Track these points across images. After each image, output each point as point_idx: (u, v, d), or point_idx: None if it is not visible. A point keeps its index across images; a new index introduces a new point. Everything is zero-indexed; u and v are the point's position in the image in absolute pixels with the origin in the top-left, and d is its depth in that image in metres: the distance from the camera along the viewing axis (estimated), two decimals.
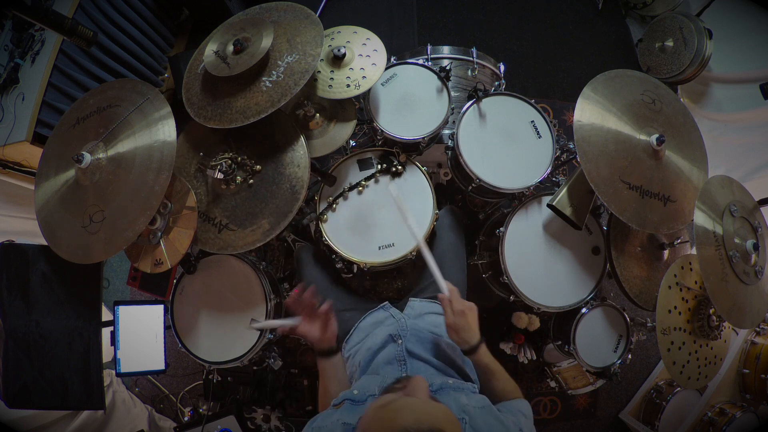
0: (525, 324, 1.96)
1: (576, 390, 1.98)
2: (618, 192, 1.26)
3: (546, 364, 2.08)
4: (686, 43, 2.49)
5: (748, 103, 2.35)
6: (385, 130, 1.48)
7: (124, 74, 2.15)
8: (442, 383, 0.89)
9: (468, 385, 0.90)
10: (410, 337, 1.10)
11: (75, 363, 1.39)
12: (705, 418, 2.03)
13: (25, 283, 1.37)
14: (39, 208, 1.31)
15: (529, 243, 1.50)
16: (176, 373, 2.18)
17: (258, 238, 1.27)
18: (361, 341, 1.19)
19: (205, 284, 1.50)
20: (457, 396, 0.84)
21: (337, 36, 1.50)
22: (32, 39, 1.78)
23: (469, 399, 0.83)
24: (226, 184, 1.30)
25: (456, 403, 0.81)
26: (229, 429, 1.58)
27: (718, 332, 1.36)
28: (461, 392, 0.86)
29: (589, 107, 1.31)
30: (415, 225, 1.18)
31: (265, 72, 1.26)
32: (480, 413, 0.79)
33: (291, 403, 2.01)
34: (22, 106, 1.70)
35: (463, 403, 0.81)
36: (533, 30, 2.82)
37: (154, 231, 1.27)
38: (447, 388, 0.87)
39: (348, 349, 1.22)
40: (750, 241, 1.30)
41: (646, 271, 1.48)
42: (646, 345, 2.37)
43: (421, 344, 1.08)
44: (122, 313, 1.56)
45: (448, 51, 1.74)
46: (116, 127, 1.27)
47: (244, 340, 1.46)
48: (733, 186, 1.37)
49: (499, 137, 1.53)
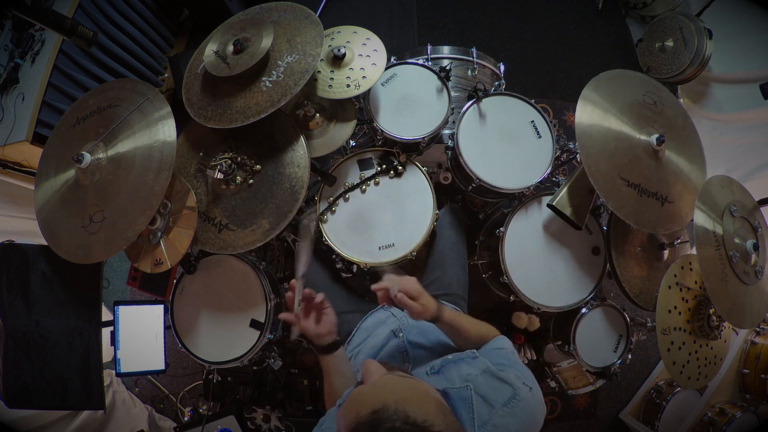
0: (525, 324, 1.96)
1: (576, 390, 1.98)
2: (616, 188, 1.26)
3: (546, 364, 2.07)
4: (686, 43, 2.48)
5: (748, 103, 2.34)
6: (385, 130, 1.48)
7: (124, 74, 2.15)
8: (443, 361, 0.90)
9: (468, 353, 0.91)
10: (411, 329, 1.11)
11: (75, 363, 1.39)
12: (705, 418, 2.02)
13: (25, 283, 1.37)
14: (39, 208, 1.30)
15: (529, 243, 1.50)
16: (176, 373, 2.18)
17: (258, 238, 1.27)
18: (364, 341, 1.19)
19: (205, 284, 1.49)
20: (459, 367, 0.86)
21: (337, 36, 1.50)
22: (32, 39, 1.78)
23: (469, 367, 0.85)
24: (226, 184, 1.30)
25: (458, 374, 0.83)
26: (229, 429, 1.57)
27: (718, 332, 1.36)
28: (462, 363, 0.87)
29: (590, 105, 1.31)
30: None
31: (265, 72, 1.26)
32: (482, 378, 0.80)
33: (291, 403, 2.01)
34: (22, 106, 1.70)
35: (465, 372, 0.83)
36: (533, 30, 2.82)
37: (154, 231, 1.27)
38: (448, 363, 0.89)
39: (350, 350, 1.22)
40: (750, 241, 1.30)
41: (646, 271, 1.48)
42: (646, 345, 2.37)
43: (422, 335, 1.09)
44: (122, 313, 1.56)
45: (448, 51, 1.74)
46: (116, 127, 1.27)
47: (244, 340, 1.46)
48: (733, 186, 1.37)
49: (499, 137, 1.53)
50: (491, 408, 0.74)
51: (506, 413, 0.73)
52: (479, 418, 0.73)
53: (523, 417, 0.74)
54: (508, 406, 0.74)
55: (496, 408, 0.74)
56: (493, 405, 0.74)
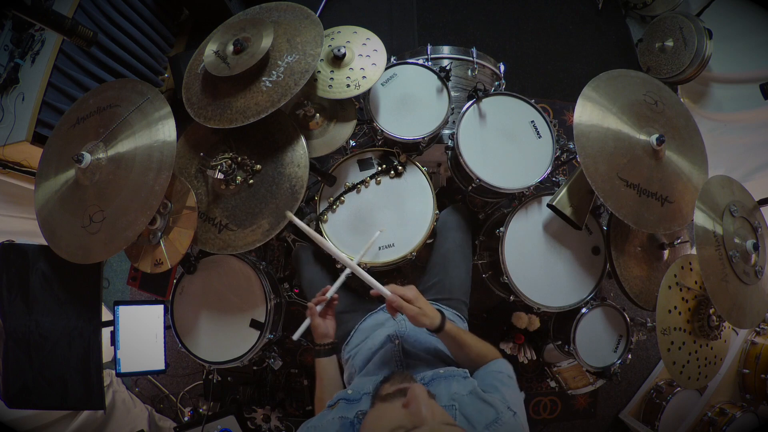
0: (525, 324, 1.96)
1: (576, 390, 1.98)
2: (615, 189, 1.26)
3: (546, 364, 2.08)
4: (686, 43, 2.49)
5: (748, 103, 2.35)
6: (385, 130, 1.47)
7: (124, 74, 2.16)
8: (434, 374, 0.90)
9: (459, 371, 0.90)
10: (408, 337, 1.10)
11: (75, 363, 1.39)
12: (705, 418, 2.02)
13: (25, 283, 1.37)
14: (39, 208, 1.31)
15: (529, 243, 1.50)
16: (176, 373, 2.18)
17: (258, 238, 1.28)
18: (362, 342, 1.19)
19: (205, 284, 1.50)
20: (448, 384, 0.85)
21: (337, 36, 1.50)
22: (32, 39, 1.78)
23: (458, 386, 0.84)
24: (226, 184, 1.30)
25: (447, 391, 0.83)
26: (229, 429, 1.58)
27: (718, 332, 1.35)
28: (452, 380, 0.87)
29: (590, 104, 1.31)
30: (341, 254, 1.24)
31: (265, 72, 1.26)
32: (469, 399, 0.80)
33: (291, 403, 2.01)
34: (22, 106, 1.71)
35: (453, 391, 0.82)
36: (533, 30, 2.82)
37: (154, 231, 1.27)
38: (438, 378, 0.88)
39: (348, 351, 1.22)
40: (750, 241, 1.30)
41: (646, 271, 1.48)
42: (646, 345, 2.37)
43: (419, 343, 1.09)
44: (122, 313, 1.56)
45: (448, 51, 1.74)
46: (116, 127, 1.27)
47: (244, 340, 1.46)
48: (733, 186, 1.37)
49: (499, 137, 1.53)
50: (473, 429, 0.73)
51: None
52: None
53: None
54: (489, 429, 0.73)
55: (477, 430, 0.73)
56: (475, 427, 0.74)
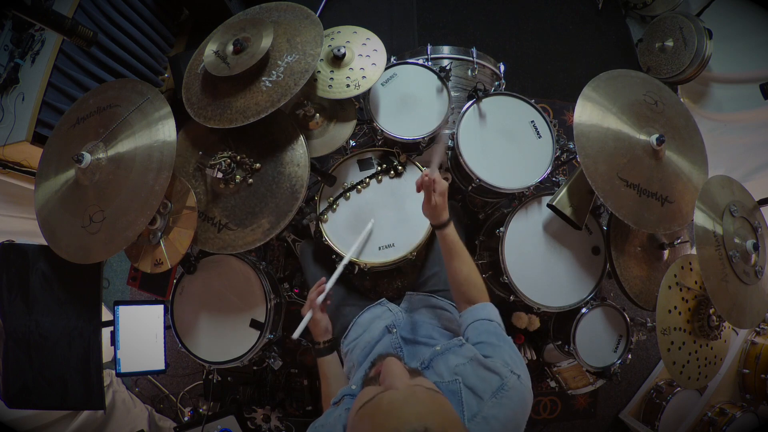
0: (525, 324, 1.96)
1: (576, 390, 1.98)
2: (615, 189, 1.26)
3: (546, 364, 2.07)
4: (686, 43, 2.49)
5: (748, 103, 2.35)
6: (385, 130, 1.47)
7: (124, 74, 2.15)
8: (432, 354, 0.89)
9: (453, 341, 0.89)
10: (404, 326, 1.11)
11: (75, 363, 1.39)
12: (705, 418, 2.02)
13: (25, 283, 1.37)
14: (39, 208, 1.31)
15: (529, 243, 1.50)
16: (176, 373, 2.18)
17: (258, 237, 1.27)
18: (359, 336, 1.19)
19: (205, 284, 1.49)
20: (446, 359, 0.84)
21: (337, 36, 1.50)
22: (32, 39, 1.78)
23: (457, 357, 0.83)
24: (225, 184, 1.30)
25: (447, 366, 0.82)
26: (229, 429, 1.57)
27: (718, 332, 1.36)
28: (449, 353, 0.86)
29: (590, 104, 1.31)
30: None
31: (265, 72, 1.26)
32: (470, 367, 0.79)
33: (291, 403, 2.01)
34: (22, 106, 1.70)
35: (453, 364, 0.81)
36: (533, 30, 2.82)
37: (154, 231, 1.27)
38: (436, 356, 0.87)
39: (346, 344, 1.22)
40: (750, 241, 1.30)
41: (646, 271, 1.48)
42: (646, 345, 2.37)
43: (415, 330, 1.09)
44: (122, 313, 1.56)
45: (448, 51, 1.74)
46: (116, 127, 1.27)
47: (244, 340, 1.46)
48: (733, 186, 1.37)
49: (499, 137, 1.53)
50: (480, 399, 0.73)
51: (495, 404, 0.72)
52: (469, 410, 0.72)
53: (511, 406, 0.73)
54: (496, 396, 0.73)
55: (484, 399, 0.73)
56: (481, 396, 0.73)
